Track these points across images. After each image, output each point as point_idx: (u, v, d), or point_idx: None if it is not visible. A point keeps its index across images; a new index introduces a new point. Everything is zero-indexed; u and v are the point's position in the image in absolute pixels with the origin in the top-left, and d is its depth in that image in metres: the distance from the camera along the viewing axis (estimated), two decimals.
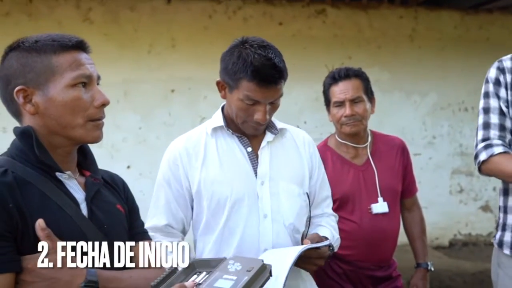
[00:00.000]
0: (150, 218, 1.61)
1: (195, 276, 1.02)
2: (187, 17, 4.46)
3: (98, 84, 1.11)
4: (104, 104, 1.09)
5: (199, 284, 0.96)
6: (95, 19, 4.30)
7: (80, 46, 1.09)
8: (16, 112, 1.09)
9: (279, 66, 1.49)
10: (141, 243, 1.19)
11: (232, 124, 1.63)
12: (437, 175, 4.92)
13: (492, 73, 1.81)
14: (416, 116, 4.93)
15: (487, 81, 1.83)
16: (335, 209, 2.09)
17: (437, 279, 3.67)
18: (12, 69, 1.05)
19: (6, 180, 0.98)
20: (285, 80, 1.54)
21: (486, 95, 1.84)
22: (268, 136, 1.65)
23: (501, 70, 1.78)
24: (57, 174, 1.07)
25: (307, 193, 1.67)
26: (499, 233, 1.80)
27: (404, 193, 2.21)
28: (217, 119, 1.65)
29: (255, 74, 1.45)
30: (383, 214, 2.07)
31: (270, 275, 1.01)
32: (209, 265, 1.03)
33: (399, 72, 4.86)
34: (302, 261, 1.48)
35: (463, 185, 5.00)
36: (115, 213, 1.17)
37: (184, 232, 1.65)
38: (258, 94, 1.48)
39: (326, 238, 1.61)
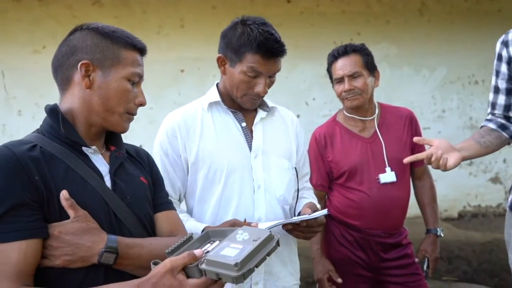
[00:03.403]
0: None
1: (208, 244, 1.08)
2: None
3: None
4: (142, 104, 1.22)
5: (208, 252, 1.01)
6: (105, 2, 4.33)
7: (143, 50, 1.23)
8: (66, 79, 1.16)
9: (281, 41, 1.59)
10: (161, 213, 1.27)
11: (227, 100, 1.71)
12: None
13: (497, 47, 1.83)
14: (425, 91, 4.92)
15: (495, 57, 1.86)
16: (344, 181, 2.17)
17: (446, 249, 3.73)
18: (84, 43, 1.15)
19: (33, 154, 1.05)
20: (285, 55, 1.62)
21: (493, 72, 1.88)
22: (261, 113, 1.74)
23: (505, 43, 1.79)
24: (83, 148, 1.15)
25: (295, 168, 1.77)
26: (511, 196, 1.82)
27: (414, 162, 2.20)
28: (213, 95, 1.72)
29: (260, 46, 1.54)
30: (391, 183, 2.12)
31: (278, 245, 1.05)
32: (223, 235, 1.08)
33: (408, 47, 4.83)
34: (304, 231, 1.60)
35: None
36: (138, 185, 1.24)
37: (180, 200, 1.73)
38: (261, 66, 1.57)
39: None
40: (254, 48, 1.54)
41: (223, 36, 1.64)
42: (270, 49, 1.55)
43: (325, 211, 1.58)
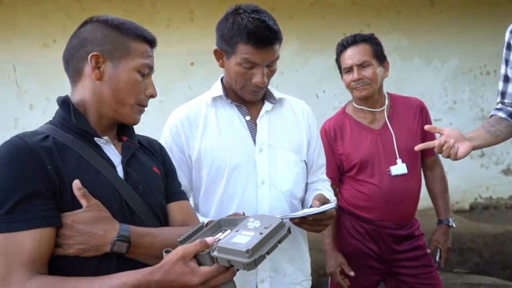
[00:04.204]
0: None
1: (220, 233, 1.09)
2: None
3: None
4: (152, 95, 1.23)
5: (219, 240, 1.03)
6: None
7: (152, 42, 1.23)
8: (77, 72, 1.18)
9: (274, 28, 1.51)
10: (173, 203, 1.28)
11: (231, 94, 1.67)
12: None
13: (506, 36, 1.81)
14: (437, 82, 4.87)
15: (504, 46, 1.84)
16: (354, 174, 2.16)
17: (458, 241, 3.70)
18: (94, 35, 1.16)
19: (46, 144, 1.07)
20: (280, 42, 1.56)
21: (502, 61, 1.86)
22: (267, 105, 1.68)
23: None
24: (95, 139, 1.16)
25: (304, 161, 1.71)
26: None
27: (425, 152, 2.21)
28: (217, 89, 1.68)
29: (251, 36, 1.48)
30: (403, 175, 2.10)
31: (289, 232, 1.05)
32: (234, 224, 1.09)
33: (419, 38, 4.78)
34: (312, 224, 1.53)
35: (484, 149, 4.94)
36: (151, 175, 1.25)
37: (187, 196, 1.68)
38: (255, 56, 1.51)
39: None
40: (245, 37, 1.48)
41: (217, 29, 1.60)
42: (261, 37, 1.48)
43: (332, 204, 1.52)
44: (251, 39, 1.48)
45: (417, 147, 1.75)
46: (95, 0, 4.28)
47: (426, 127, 1.78)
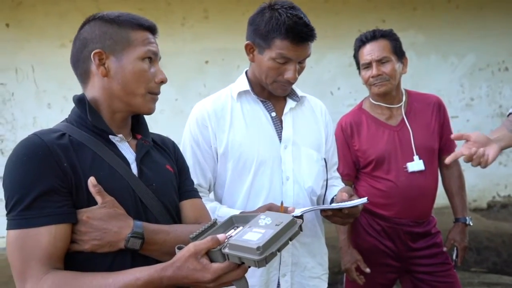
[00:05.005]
0: None
1: (232, 230, 1.10)
2: None
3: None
4: (163, 81, 1.22)
5: (231, 236, 1.03)
6: None
7: (152, 29, 1.23)
8: (84, 73, 1.19)
9: (310, 25, 1.54)
10: (186, 201, 1.29)
11: (256, 88, 1.68)
12: None
13: None
14: (453, 78, 4.81)
15: None
16: (371, 170, 2.14)
17: (475, 240, 3.66)
18: (93, 34, 1.16)
19: (62, 142, 1.08)
20: (315, 39, 1.58)
21: None
22: (291, 103, 1.71)
23: None
24: (110, 137, 1.17)
25: (324, 159, 1.74)
26: None
27: (442, 150, 2.19)
28: (242, 83, 1.69)
29: (289, 31, 1.50)
30: (420, 172, 2.08)
31: (300, 229, 1.05)
32: (247, 220, 1.09)
33: (435, 34, 4.72)
34: (343, 217, 1.55)
35: None
36: (164, 173, 1.26)
37: (210, 190, 1.71)
38: (290, 52, 1.53)
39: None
40: (283, 33, 1.50)
41: (250, 23, 1.61)
42: (299, 33, 1.51)
43: (365, 199, 1.53)
44: (289, 35, 1.50)
45: (447, 160, 1.66)
46: (111, 0, 4.32)
47: (452, 136, 1.71)
